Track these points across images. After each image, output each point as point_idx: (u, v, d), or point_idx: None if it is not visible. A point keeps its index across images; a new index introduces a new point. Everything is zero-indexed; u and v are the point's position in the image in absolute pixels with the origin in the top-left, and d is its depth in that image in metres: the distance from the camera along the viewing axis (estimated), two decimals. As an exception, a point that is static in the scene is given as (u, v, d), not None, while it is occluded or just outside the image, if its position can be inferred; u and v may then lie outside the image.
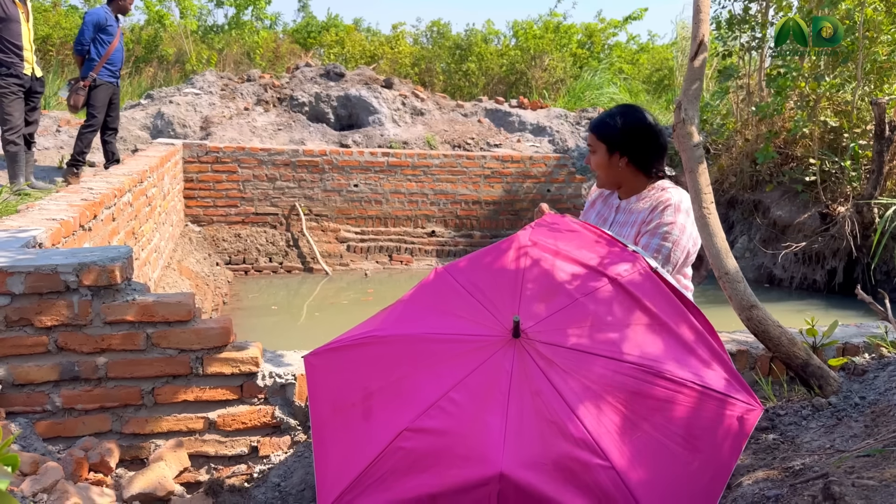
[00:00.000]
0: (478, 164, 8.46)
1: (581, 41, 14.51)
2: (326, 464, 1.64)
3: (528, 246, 1.88)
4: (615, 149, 2.27)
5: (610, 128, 2.28)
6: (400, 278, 8.03)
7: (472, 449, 1.49)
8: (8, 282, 2.20)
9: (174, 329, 2.34)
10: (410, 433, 1.53)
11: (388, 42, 14.95)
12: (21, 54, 5.63)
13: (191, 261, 6.90)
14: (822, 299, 7.06)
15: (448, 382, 1.57)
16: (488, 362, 1.60)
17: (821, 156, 7.08)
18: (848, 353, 2.53)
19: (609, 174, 2.32)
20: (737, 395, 1.59)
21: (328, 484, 1.59)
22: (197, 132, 8.64)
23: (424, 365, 1.64)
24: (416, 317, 1.78)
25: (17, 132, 5.67)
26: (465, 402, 1.55)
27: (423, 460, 1.51)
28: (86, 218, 3.74)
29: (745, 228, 7.95)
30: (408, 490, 1.50)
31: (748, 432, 1.58)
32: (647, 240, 2.17)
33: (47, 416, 2.31)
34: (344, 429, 1.66)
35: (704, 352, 1.65)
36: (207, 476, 2.46)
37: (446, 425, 1.53)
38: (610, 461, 1.46)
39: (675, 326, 1.67)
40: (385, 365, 1.69)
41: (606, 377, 1.56)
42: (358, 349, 1.77)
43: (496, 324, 1.67)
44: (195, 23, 13.92)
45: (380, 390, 1.65)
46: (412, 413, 1.55)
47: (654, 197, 2.25)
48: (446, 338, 1.67)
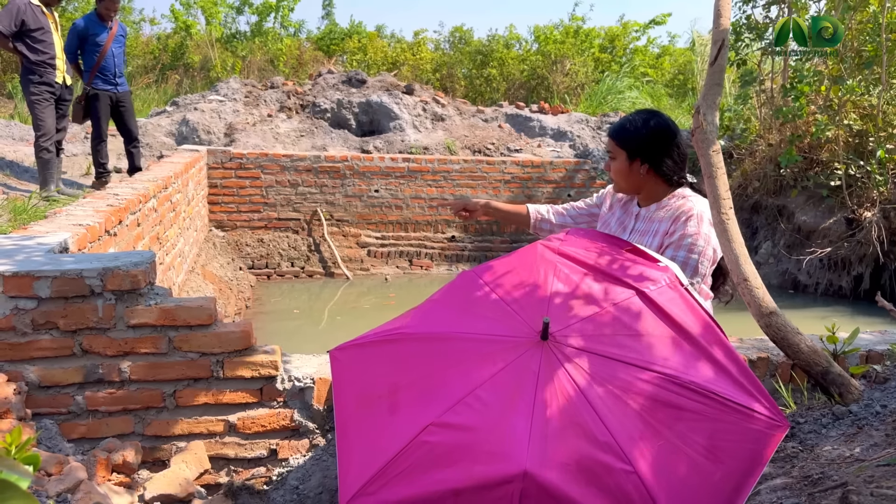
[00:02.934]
0: (498, 170, 8.47)
1: (602, 45, 14.46)
2: (350, 456, 1.65)
3: (558, 254, 1.91)
4: (636, 155, 2.23)
5: (631, 134, 2.24)
6: (420, 283, 8.05)
7: (496, 446, 1.50)
8: (35, 286, 2.25)
9: (195, 333, 2.38)
10: (436, 428, 1.54)
11: (409, 48, 15.03)
12: (53, 63, 5.75)
13: (214, 265, 6.99)
14: (848, 306, 6.94)
15: (476, 380, 1.59)
16: (516, 362, 1.61)
17: (846, 160, 6.98)
18: (871, 360, 2.49)
19: (629, 181, 2.28)
20: (763, 411, 1.60)
21: (351, 476, 1.60)
22: (221, 138, 8.76)
23: (453, 363, 1.66)
24: (445, 316, 1.81)
25: (49, 139, 5.79)
26: (491, 401, 1.56)
27: (448, 455, 1.51)
28: (111, 223, 3.81)
29: (769, 234, 7.85)
30: (431, 484, 1.50)
31: (773, 448, 1.59)
32: (672, 252, 2.15)
33: (72, 417, 2.36)
34: (369, 422, 1.67)
35: (732, 366, 1.66)
36: (227, 478, 2.49)
37: (472, 422, 1.53)
38: (633, 466, 1.47)
39: (702, 340, 1.68)
40: (413, 361, 1.71)
41: (632, 384, 1.57)
42: (386, 345, 1.80)
43: (524, 326, 1.68)
44: (220, 29, 14.11)
45: (407, 385, 1.66)
46: (438, 408, 1.56)
47: (674, 206, 2.22)
48: (475, 337, 1.69)
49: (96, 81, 6.31)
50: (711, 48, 2.36)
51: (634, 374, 1.58)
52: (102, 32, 6.28)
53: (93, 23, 6.26)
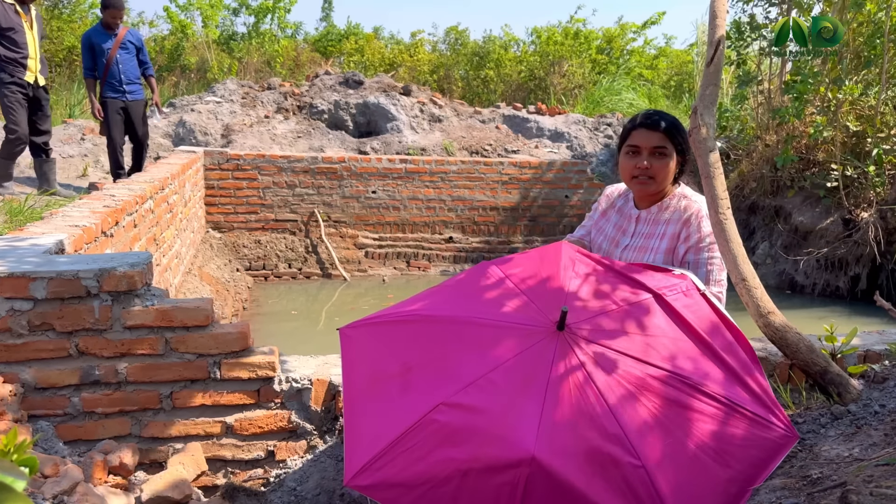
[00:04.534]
0: (495, 171, 8.47)
1: (600, 47, 14.48)
2: (358, 434, 1.64)
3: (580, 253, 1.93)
4: (682, 153, 2.19)
5: (681, 131, 2.17)
6: (418, 284, 8.04)
7: (506, 430, 1.50)
8: (30, 287, 2.24)
9: (192, 334, 2.37)
10: (446, 407, 1.53)
11: (406, 50, 15.03)
12: (25, 62, 5.67)
13: (211, 267, 6.98)
14: (846, 306, 6.95)
15: (490, 364, 1.59)
16: (531, 350, 1.61)
17: (843, 161, 6.99)
18: (869, 360, 2.49)
19: (668, 181, 2.20)
20: (773, 420, 1.62)
21: (359, 451, 1.59)
22: (218, 140, 8.74)
23: (468, 346, 1.66)
24: (462, 302, 1.82)
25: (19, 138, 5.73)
26: (504, 385, 1.56)
27: (457, 435, 1.51)
28: (108, 224, 3.80)
29: (766, 234, 7.85)
30: (438, 462, 1.50)
31: (781, 457, 1.60)
32: (693, 256, 2.16)
33: (68, 419, 2.35)
34: (379, 399, 1.67)
35: (745, 374, 1.68)
36: (224, 480, 2.48)
37: (483, 404, 1.53)
38: (641, 460, 1.47)
39: (716, 345, 1.70)
40: (428, 343, 1.71)
41: (644, 382, 1.58)
42: (401, 325, 1.80)
43: (541, 315, 1.69)
44: (216, 31, 14.10)
45: (420, 365, 1.67)
46: (450, 389, 1.56)
47: (678, 206, 2.21)
48: (492, 323, 1.70)
49: (105, 90, 6.40)
50: (708, 49, 2.36)
51: (648, 373, 1.59)
52: (107, 40, 6.38)
53: (97, 32, 6.40)
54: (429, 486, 1.49)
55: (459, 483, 1.48)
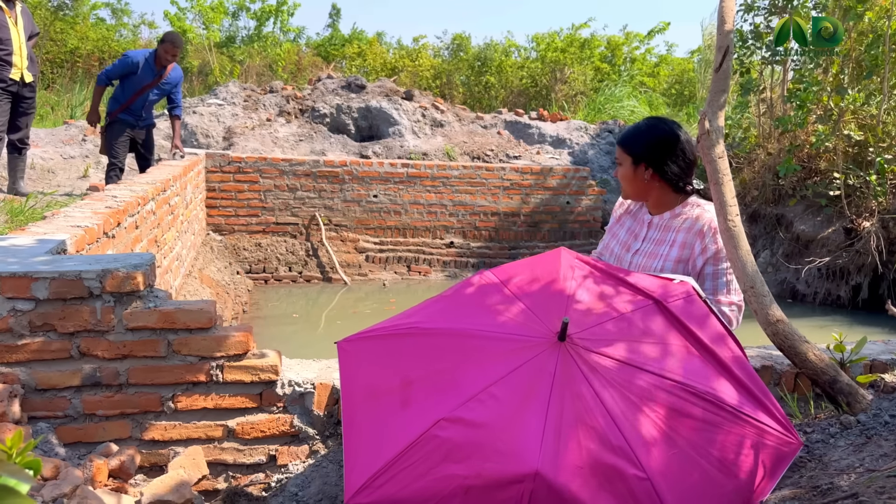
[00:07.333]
0: (497, 176, 8.46)
1: (603, 54, 14.50)
2: (357, 450, 1.62)
3: (580, 261, 1.92)
4: (640, 160, 2.25)
5: (635, 139, 2.27)
6: (418, 289, 8.02)
7: (508, 445, 1.47)
8: (32, 287, 2.22)
9: (195, 336, 2.35)
10: (447, 423, 1.51)
11: (408, 55, 15.05)
12: (9, 59, 5.57)
13: (212, 269, 6.96)
14: (847, 315, 6.94)
15: (490, 377, 1.57)
16: (532, 362, 1.59)
17: (845, 170, 6.99)
18: (875, 370, 2.47)
19: (634, 186, 2.30)
20: (778, 428, 1.60)
21: (358, 469, 1.56)
22: (220, 142, 8.74)
23: (468, 359, 1.63)
24: (460, 313, 1.79)
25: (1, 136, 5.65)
26: (505, 399, 1.53)
27: (458, 451, 1.49)
28: (110, 225, 3.78)
29: (767, 243, 7.85)
30: (441, 479, 1.47)
31: (786, 465, 1.59)
32: (713, 267, 2.18)
33: (68, 421, 2.33)
34: (379, 414, 1.65)
35: (749, 382, 1.66)
36: (226, 484, 2.45)
37: (484, 418, 1.51)
38: (646, 472, 1.45)
39: (720, 353, 1.68)
40: (427, 356, 1.68)
41: (648, 391, 1.56)
42: (399, 339, 1.77)
43: (542, 326, 1.67)
44: (217, 34, 14.11)
45: (420, 379, 1.64)
46: (451, 403, 1.54)
47: (692, 215, 2.22)
48: (492, 335, 1.67)
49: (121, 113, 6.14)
50: (716, 54, 2.35)
51: (651, 381, 1.57)
52: (150, 76, 6.10)
53: (147, 64, 6.07)
54: (431, 503, 1.47)
55: (462, 500, 1.46)
